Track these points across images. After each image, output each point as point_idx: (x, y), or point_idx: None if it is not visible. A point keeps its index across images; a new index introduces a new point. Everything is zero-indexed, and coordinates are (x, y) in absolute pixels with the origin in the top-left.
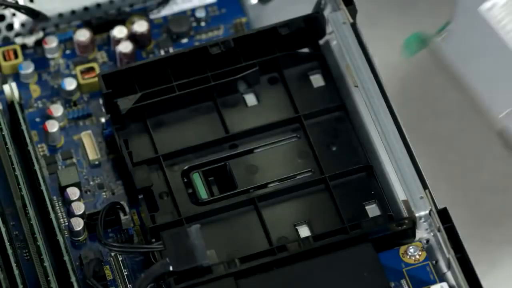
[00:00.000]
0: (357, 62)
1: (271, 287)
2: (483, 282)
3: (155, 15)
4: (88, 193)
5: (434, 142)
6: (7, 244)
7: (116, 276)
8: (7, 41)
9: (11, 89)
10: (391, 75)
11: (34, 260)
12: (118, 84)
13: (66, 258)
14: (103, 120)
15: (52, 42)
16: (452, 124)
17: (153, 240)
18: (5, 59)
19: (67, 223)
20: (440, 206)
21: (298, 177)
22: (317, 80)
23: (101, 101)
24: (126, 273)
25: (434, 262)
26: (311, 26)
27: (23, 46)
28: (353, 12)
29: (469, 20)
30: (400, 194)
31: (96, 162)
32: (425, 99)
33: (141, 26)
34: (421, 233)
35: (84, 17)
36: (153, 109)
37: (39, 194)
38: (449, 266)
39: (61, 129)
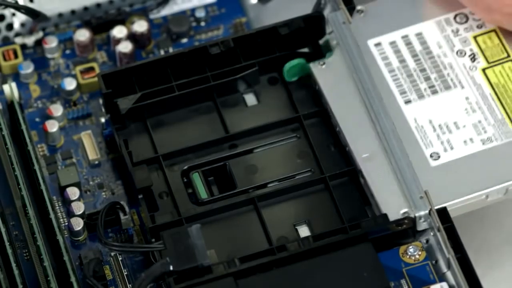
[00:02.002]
0: (357, 62)
1: (271, 287)
2: (482, 282)
3: (155, 15)
4: (88, 193)
5: None
6: (7, 244)
7: (116, 276)
8: (7, 41)
9: (11, 89)
10: None
11: (34, 260)
12: (118, 84)
13: (66, 258)
14: (103, 120)
15: (52, 42)
16: None
17: (153, 240)
18: (5, 59)
19: (67, 223)
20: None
21: (298, 177)
22: None
23: (101, 101)
24: (126, 273)
25: (434, 262)
26: (311, 26)
27: (23, 46)
28: (352, 12)
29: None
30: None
31: (96, 162)
32: None
33: (141, 26)
34: (421, 233)
35: (84, 17)
36: (153, 109)
37: (39, 194)
38: (448, 266)
39: (61, 129)
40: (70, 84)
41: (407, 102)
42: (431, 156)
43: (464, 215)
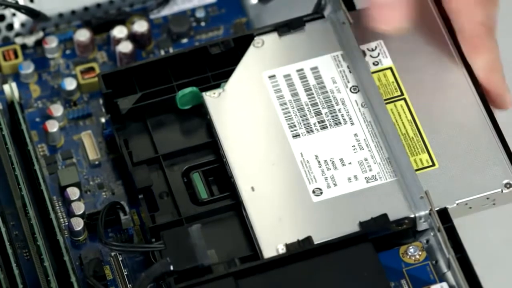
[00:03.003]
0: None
1: (271, 287)
2: (482, 282)
3: (155, 15)
4: (88, 193)
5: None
6: (7, 244)
7: (116, 276)
8: (7, 41)
9: (11, 89)
10: None
11: (34, 260)
12: (118, 84)
13: (66, 258)
14: (103, 120)
15: (52, 42)
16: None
17: (153, 240)
18: (5, 59)
19: (67, 223)
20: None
21: None
22: None
23: (101, 101)
24: (126, 273)
25: (434, 262)
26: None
27: (23, 46)
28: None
29: (249, 83)
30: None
31: (96, 162)
32: None
33: (141, 26)
34: (421, 233)
35: (84, 17)
36: (153, 109)
37: (39, 194)
38: (449, 266)
39: (61, 129)
40: (70, 84)
41: (296, 136)
42: (313, 191)
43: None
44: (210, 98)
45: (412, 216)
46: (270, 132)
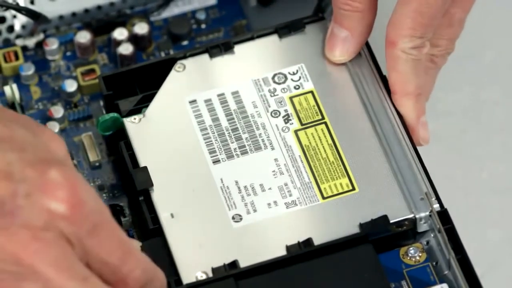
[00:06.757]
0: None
1: None
2: (483, 283)
3: (156, 17)
4: None
5: (433, 142)
6: None
7: None
8: (8, 42)
9: (12, 90)
10: None
11: None
12: (118, 85)
13: None
14: None
15: (52, 44)
16: (452, 124)
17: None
18: (6, 61)
19: None
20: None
21: None
22: None
23: (101, 103)
24: None
25: (434, 263)
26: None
27: (24, 48)
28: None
29: (170, 108)
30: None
31: (97, 164)
32: None
33: (141, 28)
34: (422, 234)
35: (85, 19)
36: None
37: None
38: (449, 267)
39: (62, 130)
40: (71, 86)
41: (216, 161)
42: (233, 218)
43: (464, 215)
44: (131, 123)
45: (413, 217)
46: (191, 158)
